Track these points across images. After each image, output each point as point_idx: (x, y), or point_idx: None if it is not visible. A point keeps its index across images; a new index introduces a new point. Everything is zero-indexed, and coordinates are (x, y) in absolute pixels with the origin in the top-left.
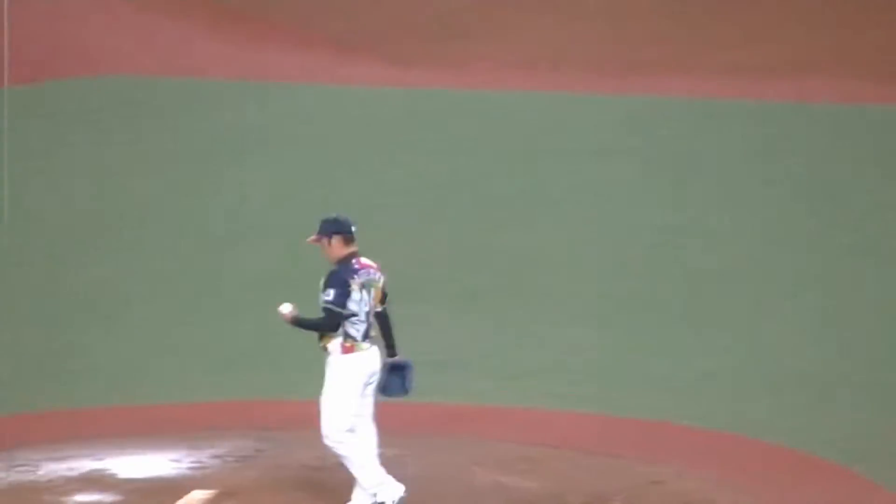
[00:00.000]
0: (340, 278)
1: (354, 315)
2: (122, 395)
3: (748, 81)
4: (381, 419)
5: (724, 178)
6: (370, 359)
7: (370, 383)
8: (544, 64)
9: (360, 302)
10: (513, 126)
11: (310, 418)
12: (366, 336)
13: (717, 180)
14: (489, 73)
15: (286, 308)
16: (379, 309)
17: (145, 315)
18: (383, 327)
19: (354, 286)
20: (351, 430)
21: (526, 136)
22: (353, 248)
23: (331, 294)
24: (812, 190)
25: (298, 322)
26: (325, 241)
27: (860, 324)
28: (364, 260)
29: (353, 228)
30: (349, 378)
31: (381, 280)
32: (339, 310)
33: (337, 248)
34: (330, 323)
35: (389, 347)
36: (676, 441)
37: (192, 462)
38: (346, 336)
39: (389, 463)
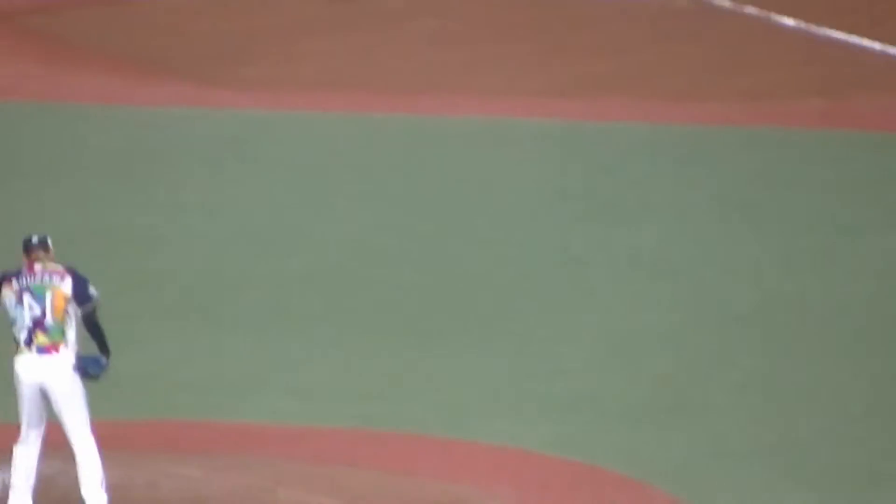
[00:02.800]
0: None
1: (14, 322)
2: None
3: (539, 102)
4: (185, 440)
5: (509, 195)
6: (31, 365)
7: (52, 396)
8: (346, 85)
9: (20, 307)
10: (307, 147)
11: (105, 438)
12: (30, 342)
13: (501, 199)
14: (292, 94)
15: None
16: (79, 312)
17: None
18: (91, 334)
19: (8, 289)
20: (24, 441)
21: (326, 156)
22: (31, 258)
23: None
24: (604, 207)
25: None
26: None
27: (647, 344)
28: (39, 266)
29: (35, 240)
30: (15, 383)
31: (63, 282)
32: None
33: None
34: None
35: (102, 352)
36: (480, 460)
37: None
38: (14, 341)
39: (194, 483)
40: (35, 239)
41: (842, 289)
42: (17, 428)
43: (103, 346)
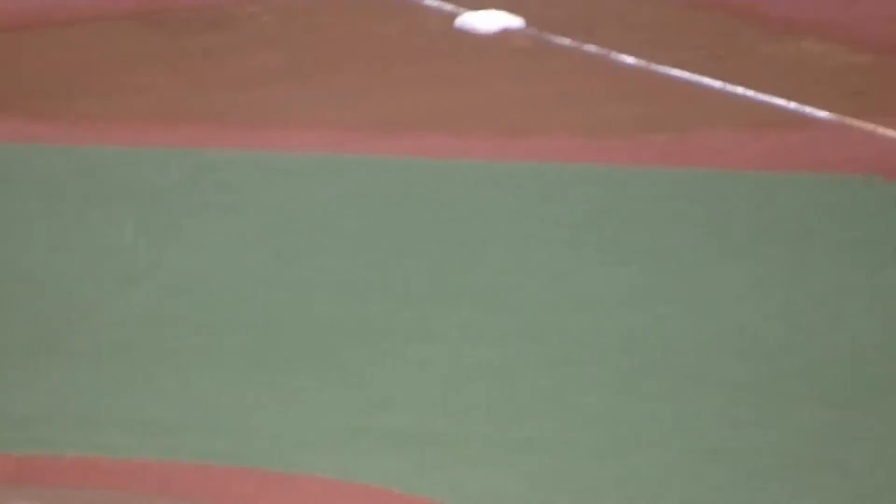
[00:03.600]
0: None
1: None
2: None
3: (365, 136)
4: (24, 473)
5: (339, 231)
6: None
7: None
8: (182, 119)
9: None
10: (146, 181)
11: None
12: None
13: (331, 234)
14: (128, 128)
15: None
16: None
17: None
18: None
19: None
20: None
21: (159, 191)
22: None
23: None
24: (435, 243)
25: None
26: None
27: (483, 379)
28: None
29: None
30: None
31: None
32: None
33: None
34: None
35: None
36: (315, 493)
37: None
38: None
39: None
40: None
41: (674, 324)
42: None
43: None
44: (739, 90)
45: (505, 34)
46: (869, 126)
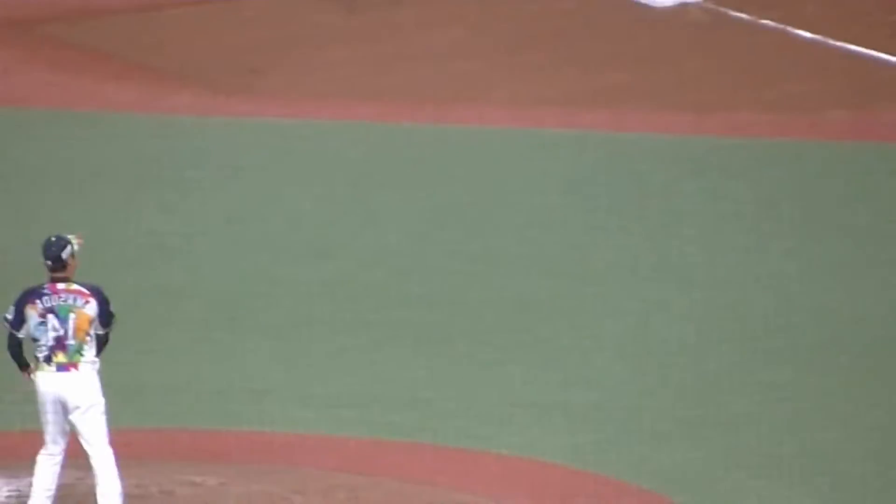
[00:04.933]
0: (18, 300)
1: (36, 340)
2: None
3: (560, 112)
4: (204, 448)
5: (531, 206)
6: (51, 381)
7: (71, 410)
8: (365, 95)
9: (44, 327)
10: (328, 156)
11: (121, 447)
12: (49, 359)
13: (523, 209)
14: (312, 103)
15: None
16: (100, 332)
17: None
18: (98, 350)
19: (32, 310)
20: (48, 452)
21: (348, 165)
22: (55, 275)
23: (10, 311)
24: (626, 217)
25: None
26: None
27: (667, 354)
28: (63, 286)
29: (50, 262)
30: (37, 397)
31: (88, 305)
32: (10, 329)
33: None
34: (8, 341)
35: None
36: (498, 471)
37: (10, 490)
38: (35, 357)
39: (210, 492)
40: (51, 258)
41: (864, 300)
42: (42, 438)
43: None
44: None
45: (682, 8)
46: None
